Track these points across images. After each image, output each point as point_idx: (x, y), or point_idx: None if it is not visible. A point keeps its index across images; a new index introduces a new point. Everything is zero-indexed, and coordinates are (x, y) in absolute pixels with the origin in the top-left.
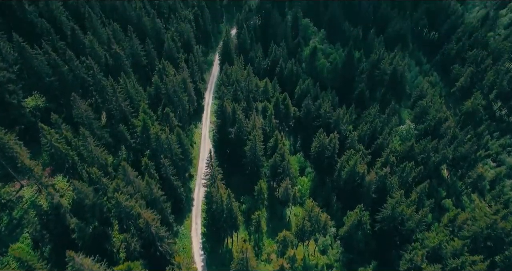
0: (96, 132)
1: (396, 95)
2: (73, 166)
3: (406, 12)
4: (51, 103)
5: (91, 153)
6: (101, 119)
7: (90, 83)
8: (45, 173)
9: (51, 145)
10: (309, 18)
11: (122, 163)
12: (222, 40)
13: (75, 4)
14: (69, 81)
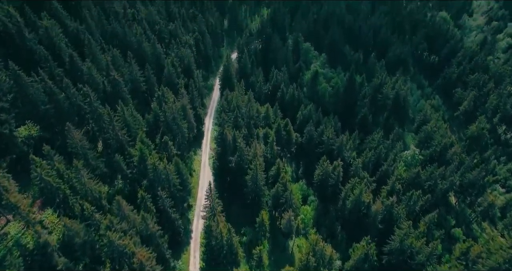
0: (91, 162)
1: (399, 119)
2: (64, 199)
3: (406, 36)
4: (45, 132)
5: (84, 185)
6: (97, 147)
7: (87, 111)
8: (35, 205)
9: (41, 179)
10: (310, 42)
11: (117, 197)
12: (222, 65)
13: (75, 31)
14: (65, 109)
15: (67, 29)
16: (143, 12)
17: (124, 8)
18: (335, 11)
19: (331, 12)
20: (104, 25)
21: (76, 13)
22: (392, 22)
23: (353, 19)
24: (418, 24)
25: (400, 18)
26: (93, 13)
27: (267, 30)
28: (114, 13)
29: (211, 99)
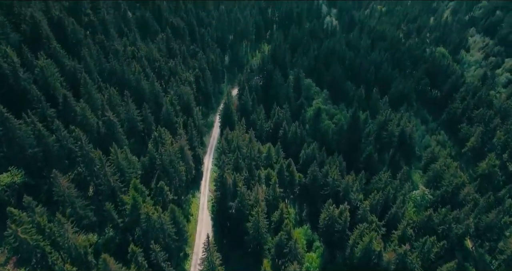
0: (78, 211)
1: (406, 157)
2: (43, 258)
3: (407, 72)
4: (30, 178)
5: (67, 240)
6: (88, 191)
7: (78, 154)
8: (10, 262)
9: (15, 237)
10: (311, 78)
11: (103, 256)
12: (223, 102)
13: (73, 70)
14: (54, 152)
15: (64, 68)
16: (143, 50)
17: (124, 46)
18: (335, 48)
19: (331, 48)
20: (102, 63)
21: (75, 52)
22: (392, 58)
23: (353, 55)
24: (418, 60)
25: (400, 54)
26: (93, 52)
27: (268, 66)
28: (114, 51)
29: (211, 137)
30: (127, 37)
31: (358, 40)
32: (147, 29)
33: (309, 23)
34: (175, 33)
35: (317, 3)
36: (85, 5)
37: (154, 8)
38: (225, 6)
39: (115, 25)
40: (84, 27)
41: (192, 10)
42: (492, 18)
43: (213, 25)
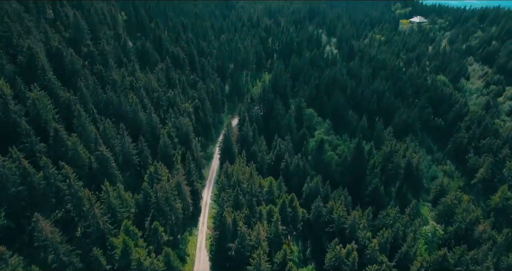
0: (62, 258)
1: (413, 189)
2: None
3: (409, 100)
4: (11, 220)
5: None
6: (76, 231)
7: (66, 193)
8: None
9: None
10: (313, 108)
11: None
12: (222, 134)
13: (67, 101)
14: (40, 191)
15: (58, 100)
16: (142, 80)
17: (122, 76)
18: (337, 76)
19: (332, 77)
20: (99, 94)
21: (71, 83)
22: (394, 86)
23: (355, 84)
24: (420, 88)
25: (402, 82)
26: (89, 82)
27: (269, 96)
28: (112, 81)
29: (210, 169)
30: (126, 67)
31: (359, 69)
32: (147, 59)
33: (309, 52)
34: (175, 63)
35: (317, 32)
36: (86, 36)
37: (155, 38)
38: (226, 36)
39: (115, 55)
40: (83, 57)
41: (193, 40)
42: (489, 47)
43: (213, 55)
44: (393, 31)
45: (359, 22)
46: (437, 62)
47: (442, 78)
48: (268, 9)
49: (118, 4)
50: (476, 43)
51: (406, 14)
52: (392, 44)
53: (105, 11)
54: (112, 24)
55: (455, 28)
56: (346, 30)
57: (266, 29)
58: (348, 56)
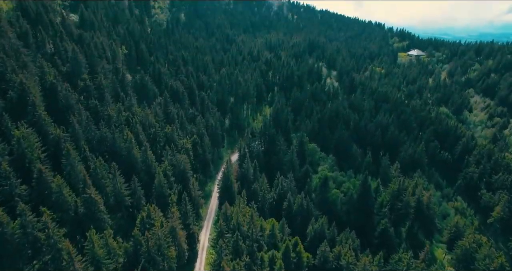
0: None
1: (425, 229)
2: None
3: (414, 133)
4: None
5: None
6: None
7: (44, 244)
8: None
9: None
10: (316, 142)
11: None
12: (222, 171)
13: (56, 139)
14: (15, 241)
15: (47, 138)
16: (138, 115)
17: (118, 111)
18: (339, 110)
19: (335, 110)
20: (92, 130)
21: (64, 118)
22: (398, 119)
23: (358, 118)
24: (424, 121)
25: (405, 115)
26: (83, 118)
27: (270, 131)
28: (107, 116)
29: (208, 208)
30: (122, 102)
31: (361, 102)
32: (145, 93)
33: (310, 85)
34: (174, 97)
35: (317, 65)
36: (83, 70)
37: (155, 72)
38: (226, 69)
39: (112, 89)
40: (79, 92)
41: (193, 73)
42: (488, 80)
43: (213, 88)
44: (393, 63)
45: (359, 55)
46: (439, 95)
47: (444, 111)
48: (268, 43)
49: (119, 38)
50: (475, 76)
51: (403, 48)
52: (393, 77)
53: (105, 45)
54: (112, 58)
55: (453, 61)
56: (346, 63)
57: (267, 63)
58: (349, 89)
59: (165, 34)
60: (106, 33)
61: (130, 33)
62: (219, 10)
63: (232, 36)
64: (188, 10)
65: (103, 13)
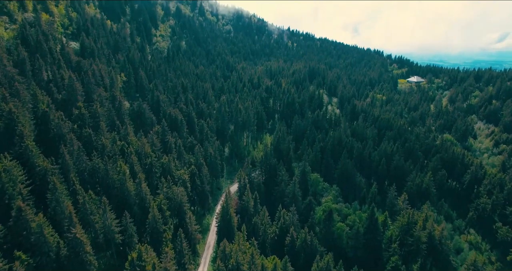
0: None
1: (439, 266)
2: None
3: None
4: None
5: None
6: None
7: None
8: None
9: None
10: (318, 172)
11: None
12: (220, 204)
13: (43, 171)
14: None
15: (33, 170)
16: (134, 144)
17: (113, 140)
18: (342, 138)
19: (337, 139)
20: (83, 161)
21: (55, 149)
22: (403, 147)
23: (361, 146)
24: (429, 149)
25: (410, 143)
26: (74, 148)
27: (271, 161)
28: (101, 146)
29: (206, 244)
30: (118, 130)
31: (364, 129)
32: (143, 122)
33: (312, 113)
34: (172, 125)
35: (318, 92)
36: (79, 97)
37: (153, 99)
38: (227, 97)
39: (107, 118)
40: (73, 120)
41: (192, 101)
42: (491, 106)
43: (213, 116)
44: (393, 90)
45: (359, 82)
46: (442, 121)
47: (448, 138)
48: (269, 70)
49: (119, 66)
50: (477, 102)
51: (403, 74)
52: (394, 104)
53: (103, 72)
54: (110, 86)
55: (453, 87)
56: (347, 90)
57: (267, 90)
58: (351, 116)
59: (165, 61)
60: (105, 60)
61: (130, 61)
62: (220, 38)
63: (233, 63)
64: (189, 38)
65: (104, 41)
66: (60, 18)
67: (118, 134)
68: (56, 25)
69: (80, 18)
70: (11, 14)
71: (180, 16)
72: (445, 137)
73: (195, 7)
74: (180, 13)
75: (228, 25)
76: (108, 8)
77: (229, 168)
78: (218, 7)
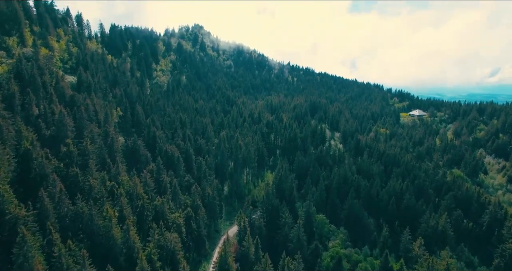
0: None
1: None
2: None
3: (431, 199)
4: None
5: None
6: None
7: None
8: None
9: None
10: (324, 213)
11: None
12: (218, 251)
13: (14, 220)
14: None
15: (2, 218)
16: (126, 185)
17: (102, 181)
18: (347, 176)
19: (343, 176)
20: (65, 206)
21: (34, 191)
22: (412, 185)
23: (369, 184)
24: (440, 187)
25: (420, 180)
26: (56, 191)
27: (273, 201)
28: (87, 187)
29: None
30: (109, 169)
31: (370, 165)
32: (136, 159)
33: (314, 148)
34: (168, 162)
35: (320, 127)
36: (69, 134)
37: (149, 136)
38: (226, 132)
39: (98, 155)
40: (60, 158)
41: (191, 136)
42: (498, 140)
43: (212, 152)
44: (396, 124)
45: (361, 116)
46: (449, 156)
47: (458, 173)
48: (269, 105)
49: (116, 100)
50: (482, 135)
51: (404, 108)
52: (399, 138)
53: (98, 107)
54: (104, 121)
55: (457, 120)
56: (349, 125)
57: (268, 125)
58: (355, 152)
59: (165, 95)
60: (102, 95)
61: (128, 95)
62: (220, 73)
63: (233, 97)
64: (189, 73)
65: (103, 75)
66: (60, 53)
67: (108, 173)
68: (55, 60)
69: (81, 53)
70: (9, 49)
71: (181, 51)
72: (454, 172)
73: (196, 42)
74: (182, 49)
75: (229, 60)
76: (111, 43)
77: (228, 208)
78: (219, 42)
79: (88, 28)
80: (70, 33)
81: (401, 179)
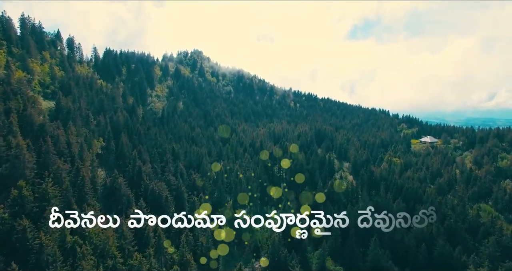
0: None
1: None
2: None
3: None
4: None
5: None
6: None
7: None
8: None
9: None
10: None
11: None
12: None
13: None
14: None
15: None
16: (94, 238)
17: (61, 234)
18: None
19: None
20: None
21: None
22: (442, 226)
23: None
24: (475, 227)
25: (450, 221)
26: None
27: (280, 251)
28: (37, 246)
29: None
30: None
31: (389, 202)
32: (116, 200)
33: (323, 182)
34: (155, 203)
35: (329, 157)
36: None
37: (134, 171)
38: (225, 164)
39: (62, 199)
40: (8, 206)
41: (183, 170)
42: None
43: (208, 189)
44: (407, 152)
45: (370, 144)
46: (475, 189)
47: (488, 209)
48: (272, 133)
49: (98, 129)
50: (506, 165)
51: (414, 134)
52: (414, 168)
53: (72, 138)
54: (79, 155)
55: (475, 148)
56: (360, 154)
57: (271, 156)
58: (368, 185)
59: (159, 123)
60: (83, 123)
61: (114, 123)
62: (219, 99)
63: (233, 125)
64: (187, 99)
65: (88, 101)
66: (41, 76)
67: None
68: (34, 84)
69: (66, 77)
70: None
71: (179, 76)
72: (484, 209)
73: (195, 67)
74: (179, 74)
75: (228, 86)
76: (104, 68)
77: (226, 256)
78: (219, 68)
79: (80, 52)
80: (58, 56)
81: (430, 219)
